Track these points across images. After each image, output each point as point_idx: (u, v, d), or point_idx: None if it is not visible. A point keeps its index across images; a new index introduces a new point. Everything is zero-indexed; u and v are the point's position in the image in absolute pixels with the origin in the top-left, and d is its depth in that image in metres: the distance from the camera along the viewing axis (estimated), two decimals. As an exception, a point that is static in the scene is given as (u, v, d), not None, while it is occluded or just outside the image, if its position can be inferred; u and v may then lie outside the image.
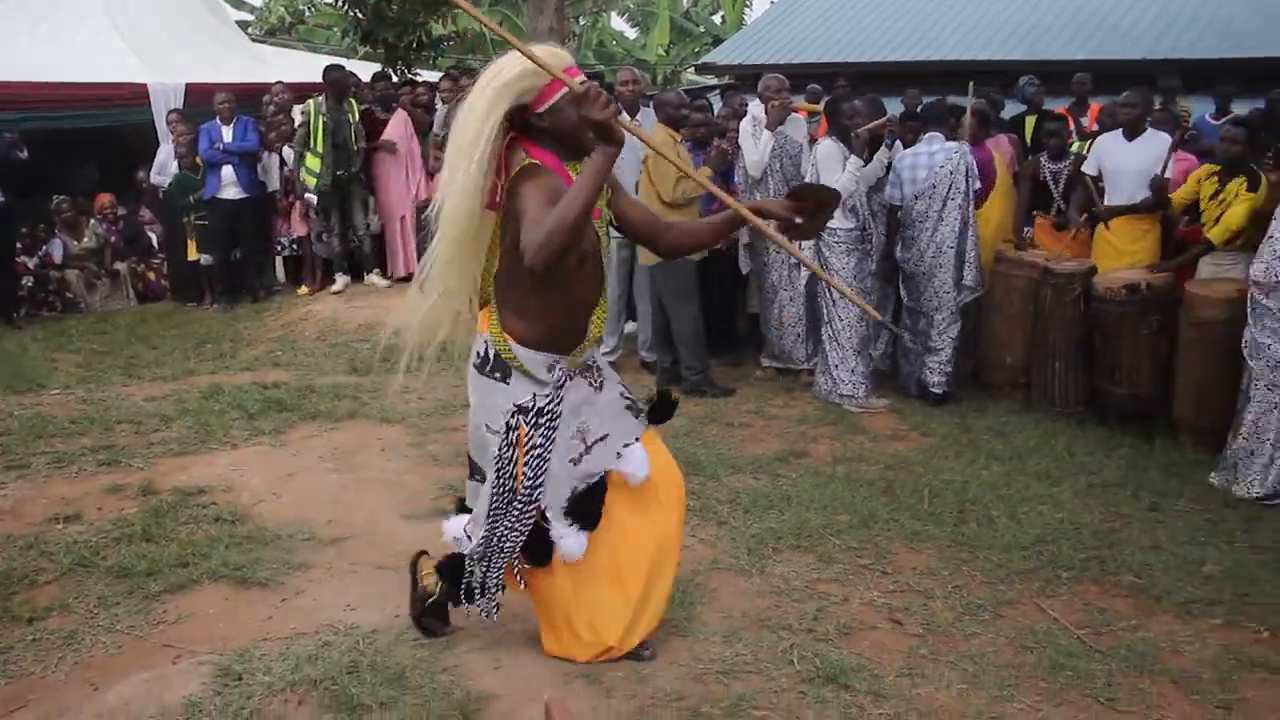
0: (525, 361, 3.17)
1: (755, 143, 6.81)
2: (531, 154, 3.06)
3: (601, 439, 3.33)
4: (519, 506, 3.26)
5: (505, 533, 3.30)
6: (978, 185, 6.59)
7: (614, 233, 6.66)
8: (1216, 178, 6.03)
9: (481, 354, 3.25)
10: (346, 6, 14.08)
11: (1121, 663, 3.57)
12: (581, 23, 29.09)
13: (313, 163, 9.08)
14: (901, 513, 4.83)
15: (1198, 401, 5.67)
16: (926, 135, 6.64)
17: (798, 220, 3.15)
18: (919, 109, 7.91)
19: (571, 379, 3.27)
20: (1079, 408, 6.21)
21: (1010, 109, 9.78)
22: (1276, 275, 5.02)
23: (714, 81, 17.36)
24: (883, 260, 6.84)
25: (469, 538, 3.41)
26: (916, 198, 6.53)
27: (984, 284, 6.65)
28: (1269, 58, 8.50)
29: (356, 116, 9.27)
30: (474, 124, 2.98)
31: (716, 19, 29.55)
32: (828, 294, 6.57)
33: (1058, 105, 9.72)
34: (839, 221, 6.41)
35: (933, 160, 6.49)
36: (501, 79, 2.98)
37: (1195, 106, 9.66)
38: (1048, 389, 6.31)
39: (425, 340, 3.35)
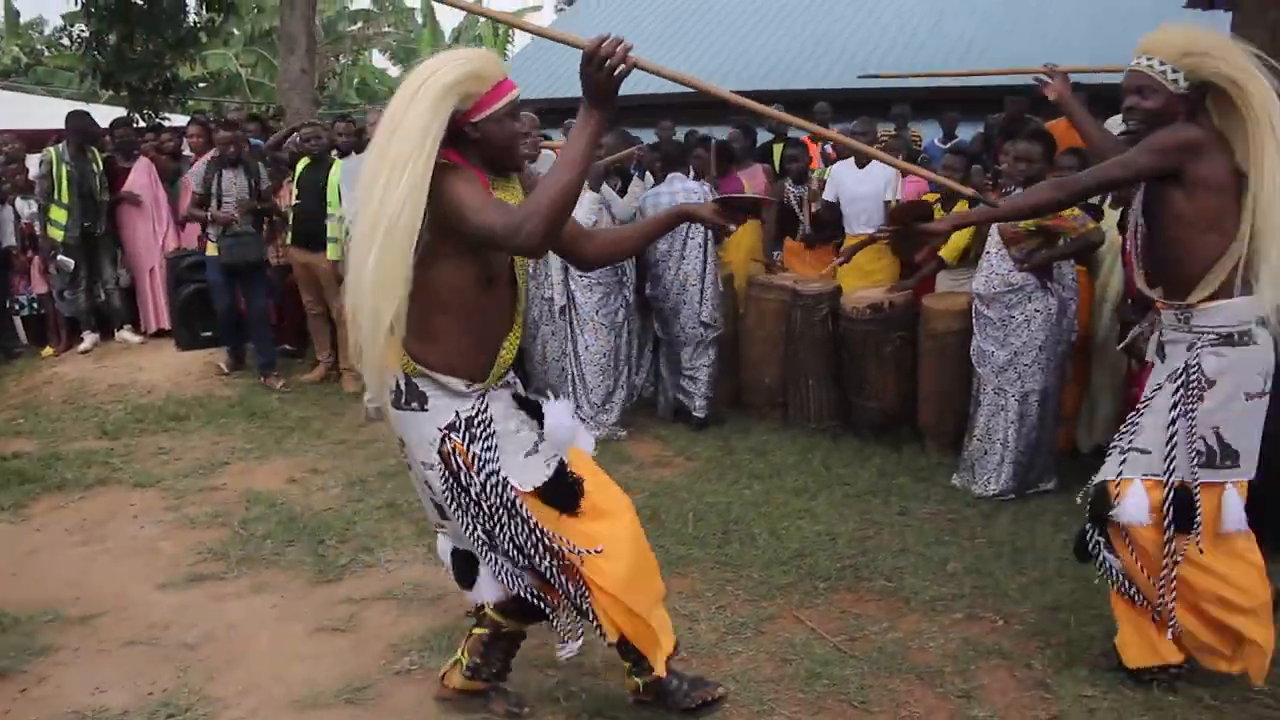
0: (441, 380, 2.94)
1: None
2: (451, 158, 2.82)
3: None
4: (502, 511, 3.00)
5: (515, 537, 3.03)
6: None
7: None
8: (941, 203, 6.44)
9: (394, 388, 2.97)
10: (85, 49, 13.46)
11: (873, 665, 3.74)
12: (342, 61, 28.66)
13: (58, 215, 8.55)
14: (667, 538, 4.91)
15: (938, 409, 6.04)
16: (669, 176, 6.83)
17: (732, 227, 3.16)
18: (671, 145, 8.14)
19: (492, 390, 3.05)
20: (833, 422, 6.50)
21: (762, 137, 10.19)
22: (994, 287, 5.40)
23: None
24: (637, 294, 6.97)
25: (504, 574, 3.12)
26: (630, 211, 6.72)
27: (723, 321, 6.82)
28: (990, 86, 9.22)
29: (100, 165, 8.82)
30: (416, 126, 2.69)
31: (479, 56, 29.64)
32: (574, 326, 6.65)
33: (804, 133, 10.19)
34: None
35: (674, 200, 6.66)
36: (442, 80, 2.73)
37: (925, 131, 10.31)
38: (803, 406, 6.58)
39: (379, 382, 2.96)
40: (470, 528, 3.03)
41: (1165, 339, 3.44)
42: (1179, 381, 3.33)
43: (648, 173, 7.28)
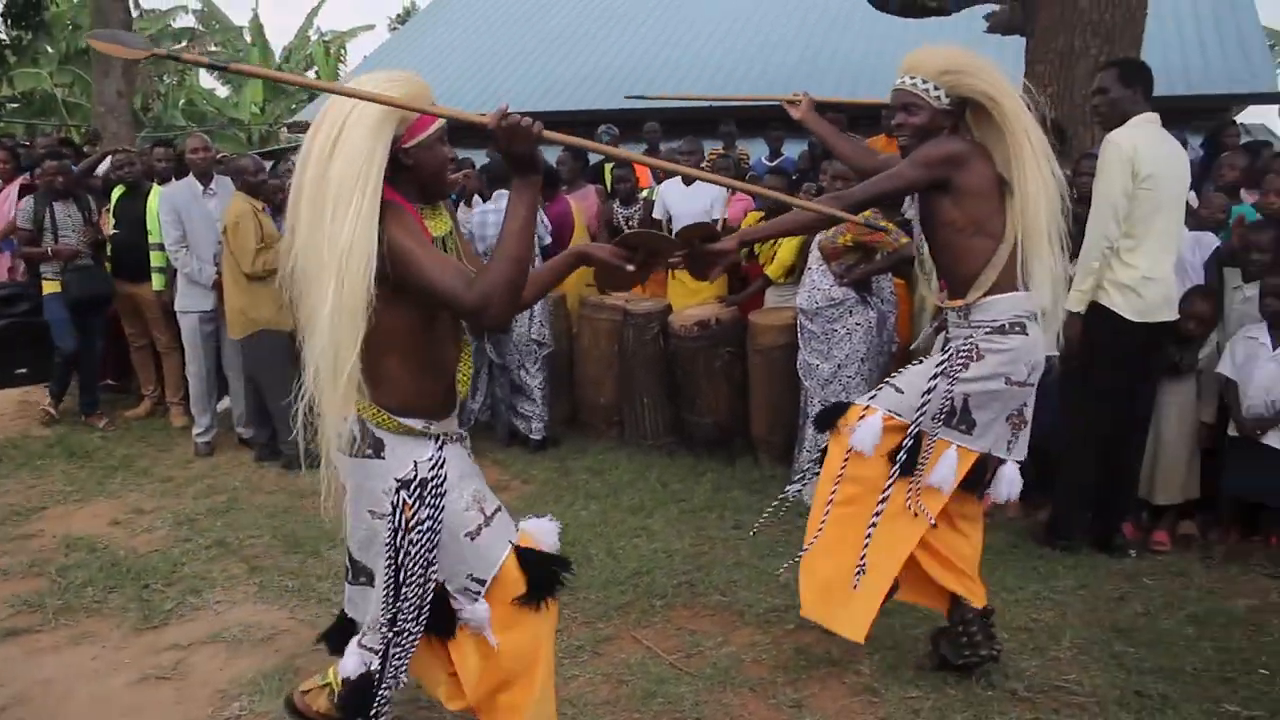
0: (400, 420, 2.75)
1: None
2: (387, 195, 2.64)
3: (499, 509, 2.97)
4: (415, 594, 2.82)
5: (405, 629, 2.86)
6: (546, 241, 6.82)
7: (193, 306, 6.33)
8: (765, 220, 6.60)
9: (346, 434, 2.75)
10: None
11: (707, 681, 3.79)
12: (167, 81, 27.69)
13: None
14: (504, 564, 4.88)
15: (769, 421, 6.17)
16: (496, 193, 6.82)
17: (629, 268, 2.99)
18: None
19: (449, 444, 2.88)
20: (668, 439, 6.58)
21: (593, 158, 10.25)
22: (817, 302, 5.56)
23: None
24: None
25: (373, 652, 2.92)
26: (486, 254, 6.68)
27: (555, 340, 6.86)
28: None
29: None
30: (359, 150, 2.54)
31: (311, 75, 29.05)
32: None
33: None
34: None
35: (500, 218, 6.65)
36: (375, 108, 2.59)
37: (752, 149, 10.54)
38: (639, 424, 6.64)
39: (337, 428, 2.68)
40: (385, 594, 2.84)
41: (950, 335, 3.63)
42: (951, 350, 3.54)
43: (475, 196, 7.22)
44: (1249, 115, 13.16)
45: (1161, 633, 4.18)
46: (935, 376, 3.51)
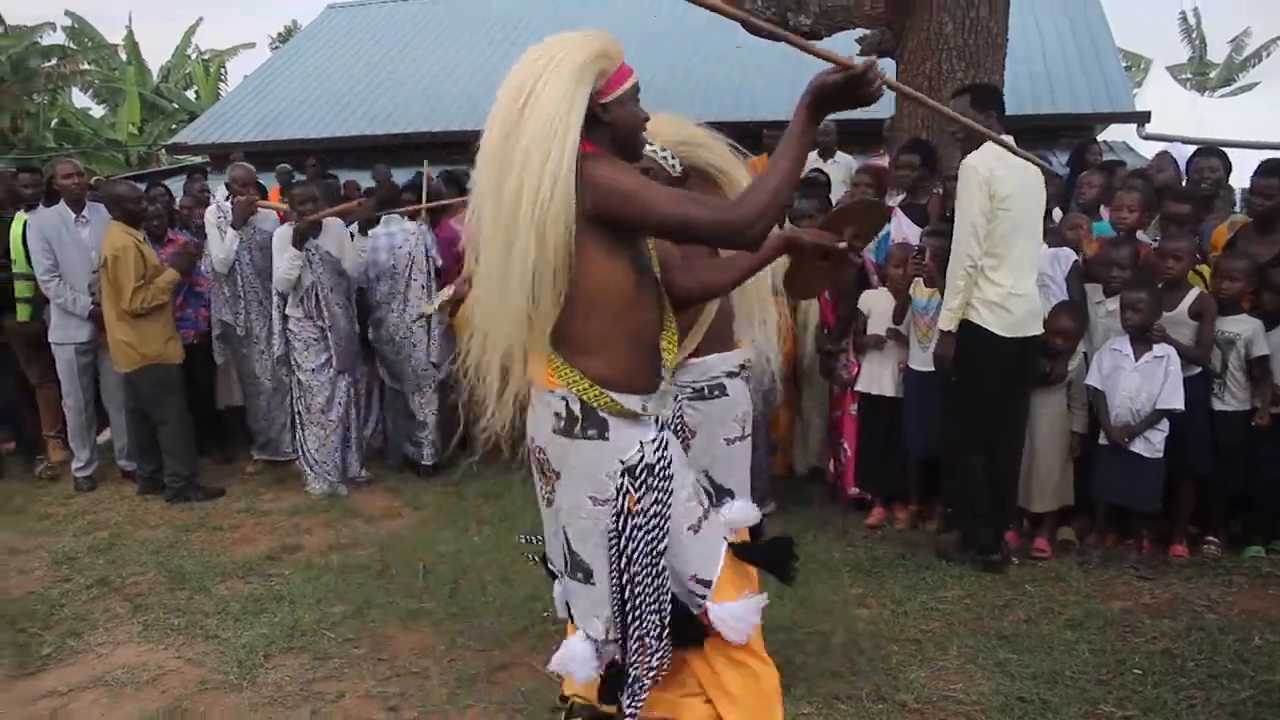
0: (622, 403, 2.58)
1: (221, 237, 6.59)
2: (585, 148, 2.50)
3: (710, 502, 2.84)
4: (648, 588, 2.67)
5: (647, 627, 2.69)
6: (439, 263, 6.79)
7: (68, 338, 6.13)
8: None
9: (564, 413, 2.60)
10: None
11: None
12: (37, 99, 26.74)
13: None
14: (397, 594, 4.85)
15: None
16: (384, 217, 6.77)
17: (840, 244, 2.90)
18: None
19: (666, 427, 2.74)
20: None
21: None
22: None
23: (195, 160, 16.70)
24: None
25: (608, 642, 2.76)
26: (378, 279, 6.64)
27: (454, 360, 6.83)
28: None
29: None
30: (556, 101, 2.41)
31: (190, 94, 28.38)
32: (296, 377, 6.52)
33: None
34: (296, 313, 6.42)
35: (392, 241, 6.63)
36: (578, 54, 2.47)
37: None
38: (531, 446, 6.62)
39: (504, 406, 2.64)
40: (612, 587, 2.68)
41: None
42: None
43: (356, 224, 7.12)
44: (1111, 133, 13.70)
45: (1042, 638, 4.31)
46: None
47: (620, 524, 2.62)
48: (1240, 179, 6.26)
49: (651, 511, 2.63)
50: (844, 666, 4.04)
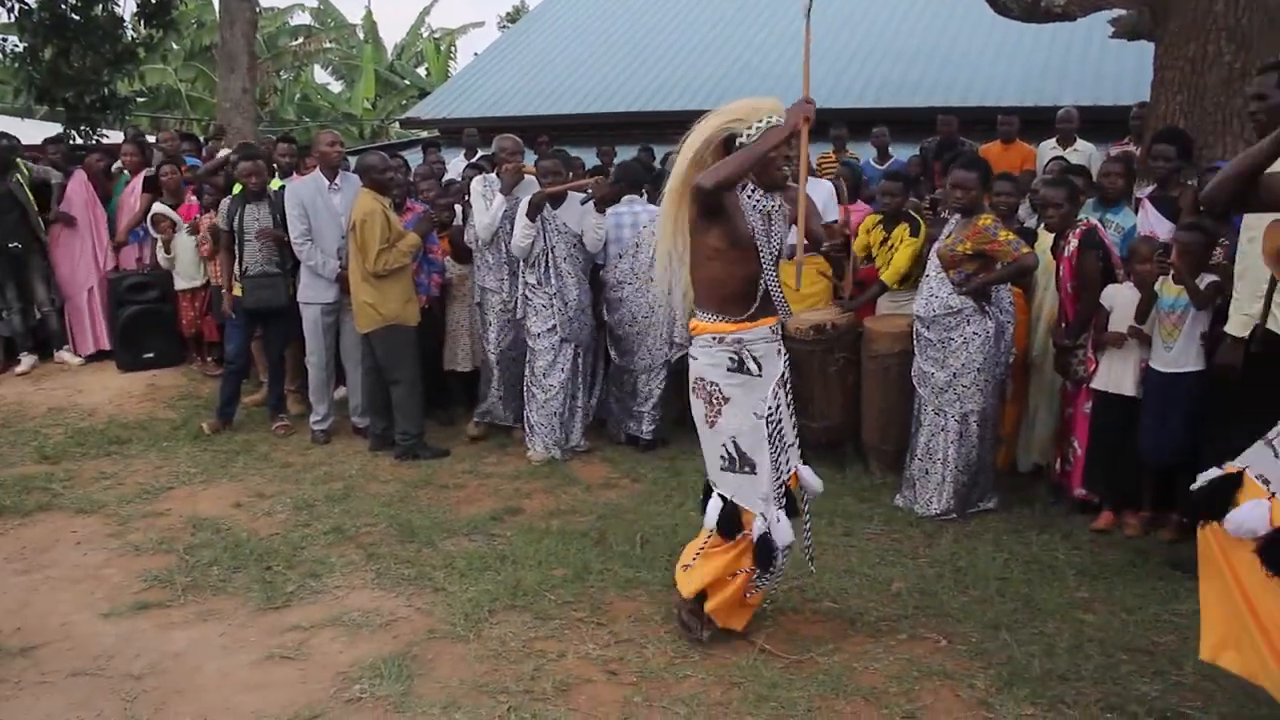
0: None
1: (487, 205, 6.76)
2: None
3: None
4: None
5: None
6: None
7: (316, 298, 6.51)
8: (882, 225, 6.56)
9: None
10: (20, 63, 13.22)
11: (820, 687, 3.79)
12: (284, 76, 28.42)
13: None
14: (615, 562, 4.95)
15: (880, 428, 6.14)
16: (626, 197, 6.86)
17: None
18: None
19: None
20: (780, 442, 6.56)
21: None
22: (934, 310, 5.51)
23: (423, 135, 17.37)
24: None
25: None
26: (620, 257, 6.74)
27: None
28: (923, 107, 9.45)
29: (28, 183, 8.66)
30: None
31: (421, 71, 29.55)
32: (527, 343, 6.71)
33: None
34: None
35: (636, 220, 6.73)
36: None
37: (859, 152, 10.46)
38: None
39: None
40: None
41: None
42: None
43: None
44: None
45: (1291, 662, 4.06)
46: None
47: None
48: None
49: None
50: (1070, 671, 3.89)
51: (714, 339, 3.94)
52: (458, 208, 7.69)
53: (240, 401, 7.68)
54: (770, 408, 3.96)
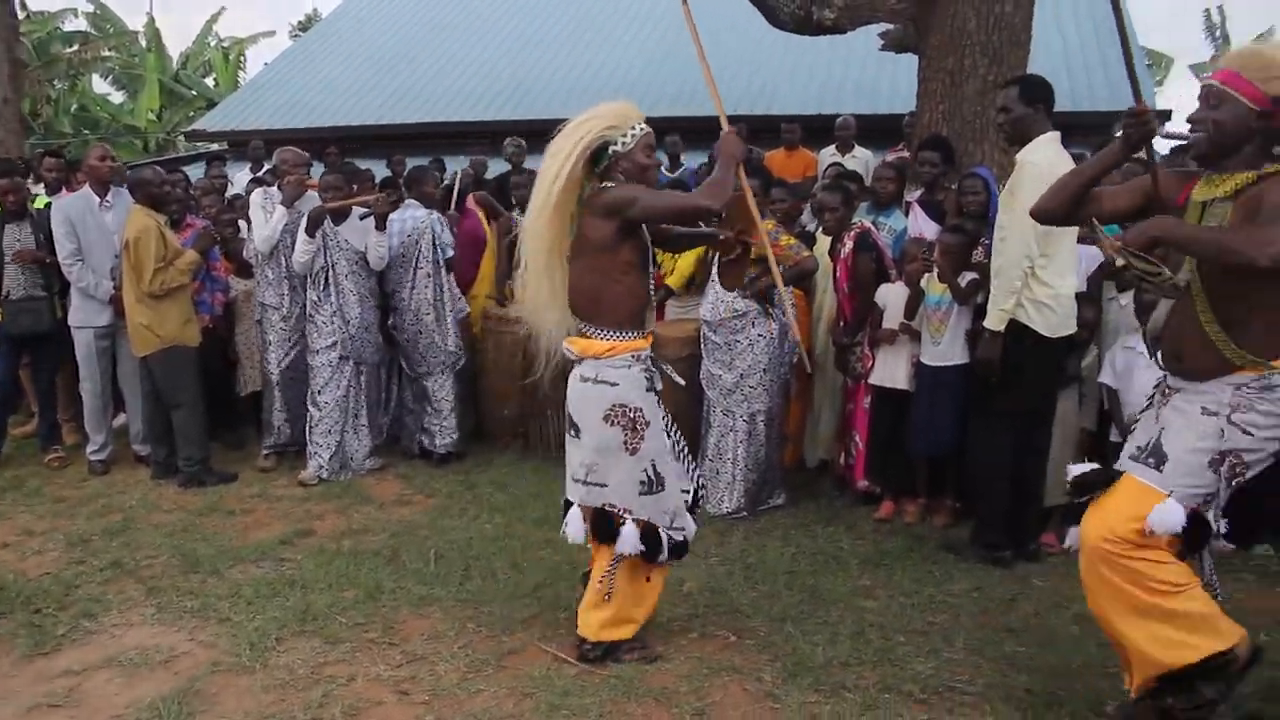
0: None
1: (266, 218, 6.58)
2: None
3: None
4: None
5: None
6: (450, 253, 6.81)
7: (88, 322, 6.21)
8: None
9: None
10: None
11: (611, 691, 3.82)
12: (58, 86, 26.88)
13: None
14: (408, 579, 4.88)
15: (672, 432, 6.23)
16: (406, 201, 6.80)
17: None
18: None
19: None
20: (573, 450, 6.60)
21: (498, 167, 10.23)
22: (720, 314, 5.65)
23: (211, 148, 16.76)
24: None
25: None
26: (391, 264, 6.67)
27: (464, 348, 6.90)
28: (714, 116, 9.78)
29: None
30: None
31: (209, 82, 28.46)
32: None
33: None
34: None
35: (404, 227, 6.67)
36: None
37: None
38: (544, 436, 6.68)
39: None
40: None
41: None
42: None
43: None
44: (1134, 131, 13.63)
45: (1050, 631, 4.33)
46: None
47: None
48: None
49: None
50: (852, 656, 4.05)
51: (633, 357, 3.89)
52: (241, 223, 7.45)
53: (8, 434, 7.22)
54: (666, 422, 4.02)
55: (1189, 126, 3.18)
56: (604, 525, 3.97)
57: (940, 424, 5.34)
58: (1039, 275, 4.75)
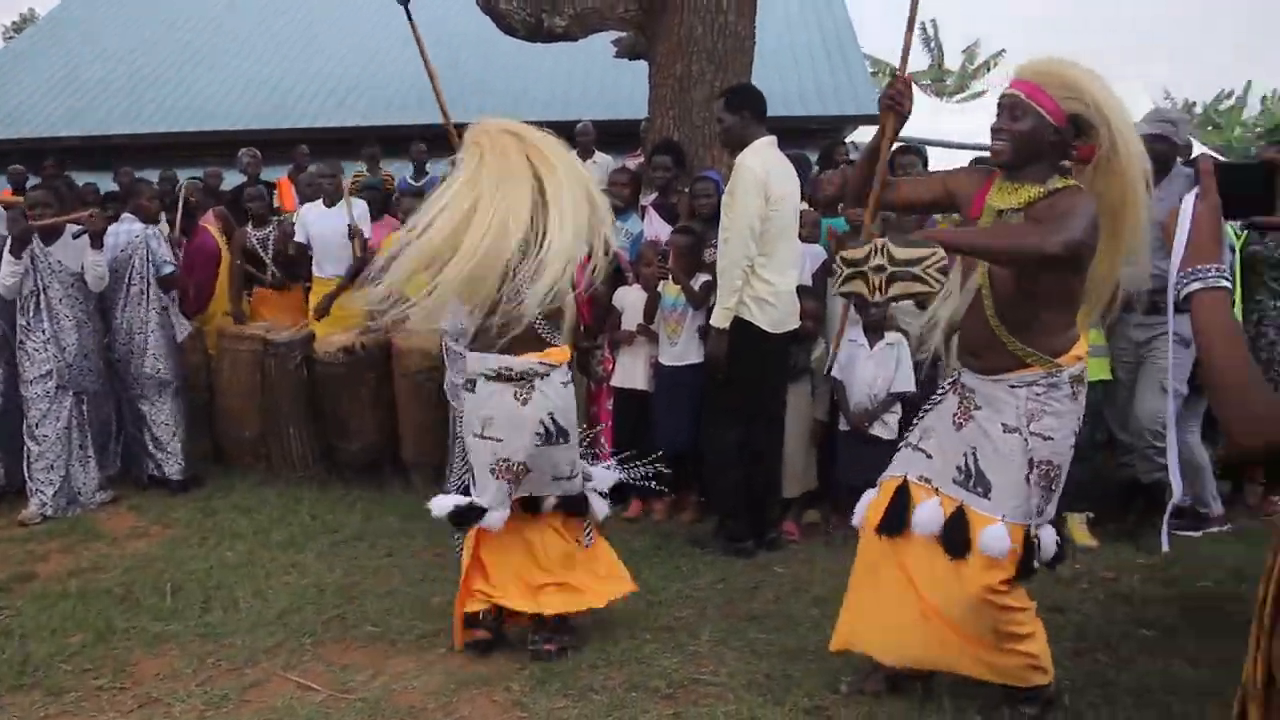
0: None
1: None
2: None
3: None
4: None
5: None
6: (168, 270, 6.52)
7: None
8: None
9: None
10: None
11: (358, 715, 3.74)
12: None
13: None
14: (142, 617, 4.63)
15: (419, 444, 6.19)
16: (124, 216, 6.48)
17: None
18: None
19: None
20: (319, 470, 6.45)
21: (233, 179, 9.84)
22: (460, 324, 5.61)
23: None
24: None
25: None
26: (102, 280, 6.34)
27: (179, 373, 6.62)
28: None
29: None
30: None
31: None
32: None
33: (279, 175, 10.01)
34: None
35: (117, 242, 6.35)
36: None
37: (397, 170, 10.48)
38: (287, 456, 6.47)
39: None
40: None
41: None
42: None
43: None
44: (860, 135, 14.41)
45: (790, 616, 4.52)
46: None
47: None
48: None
49: None
50: (599, 658, 4.11)
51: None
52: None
53: None
54: None
55: (991, 135, 3.31)
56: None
57: (680, 423, 5.49)
58: (759, 273, 4.97)
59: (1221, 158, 2.40)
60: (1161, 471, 5.03)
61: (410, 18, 4.12)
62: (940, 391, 3.67)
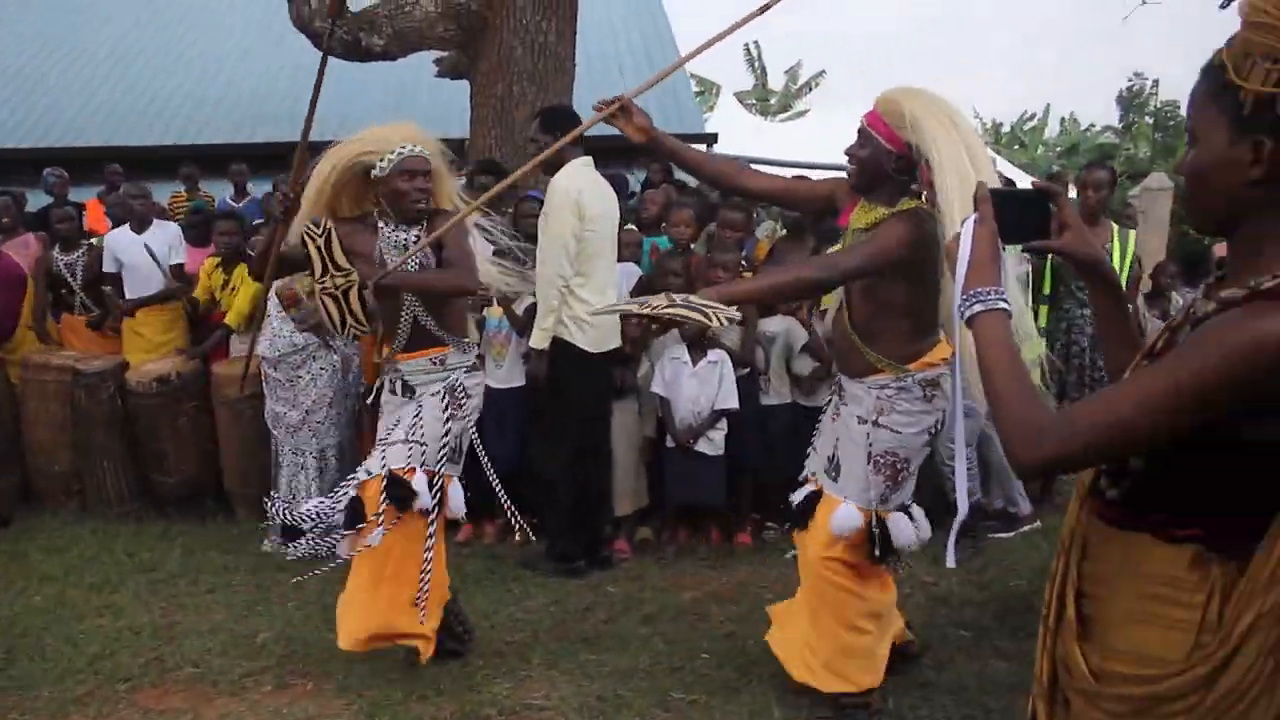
0: None
1: None
2: None
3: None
4: None
5: None
6: None
7: None
8: (222, 268, 6.42)
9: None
10: None
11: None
12: None
13: None
14: (-64, 674, 4.35)
15: (241, 474, 6.01)
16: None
17: None
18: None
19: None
20: (136, 505, 6.19)
21: (38, 200, 9.38)
22: (279, 349, 5.50)
23: None
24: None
25: None
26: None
27: None
28: (281, 142, 9.38)
29: None
30: None
31: None
32: None
33: (88, 196, 9.60)
34: None
35: None
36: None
37: (215, 190, 10.17)
38: (101, 491, 6.18)
39: None
40: None
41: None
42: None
43: None
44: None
45: (621, 635, 4.56)
46: (448, 420, 4.19)
47: None
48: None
49: None
50: (429, 689, 4.06)
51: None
52: None
53: None
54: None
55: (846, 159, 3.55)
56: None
57: (508, 443, 5.48)
58: (578, 293, 5.01)
59: (999, 185, 2.53)
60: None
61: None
62: (830, 391, 3.93)
